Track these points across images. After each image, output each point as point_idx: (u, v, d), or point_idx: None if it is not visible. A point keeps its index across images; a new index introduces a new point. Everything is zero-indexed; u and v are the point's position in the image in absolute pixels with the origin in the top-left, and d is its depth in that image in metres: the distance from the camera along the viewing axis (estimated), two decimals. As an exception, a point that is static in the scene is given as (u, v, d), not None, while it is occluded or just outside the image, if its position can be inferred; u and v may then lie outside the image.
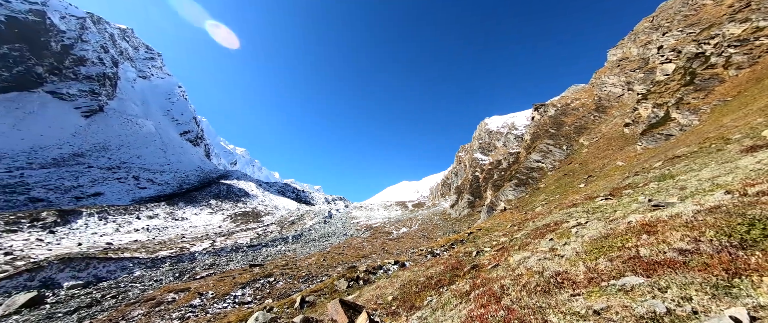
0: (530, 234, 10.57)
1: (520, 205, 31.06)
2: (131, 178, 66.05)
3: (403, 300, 8.72)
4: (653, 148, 22.99)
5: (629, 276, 3.08)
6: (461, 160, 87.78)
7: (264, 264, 26.04)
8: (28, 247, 28.88)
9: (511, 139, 69.53)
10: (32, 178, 52.91)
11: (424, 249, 18.99)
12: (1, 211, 38.17)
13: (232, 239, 40.11)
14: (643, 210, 6.67)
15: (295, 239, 42.39)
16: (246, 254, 32.77)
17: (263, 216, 59.98)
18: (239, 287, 18.11)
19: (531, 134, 55.99)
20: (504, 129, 76.51)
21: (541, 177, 39.29)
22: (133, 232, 40.70)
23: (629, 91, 43.64)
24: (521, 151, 56.59)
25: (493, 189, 49.16)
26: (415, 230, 48.47)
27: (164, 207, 54.25)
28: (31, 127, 68.59)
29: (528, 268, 5.27)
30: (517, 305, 3.28)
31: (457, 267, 10.96)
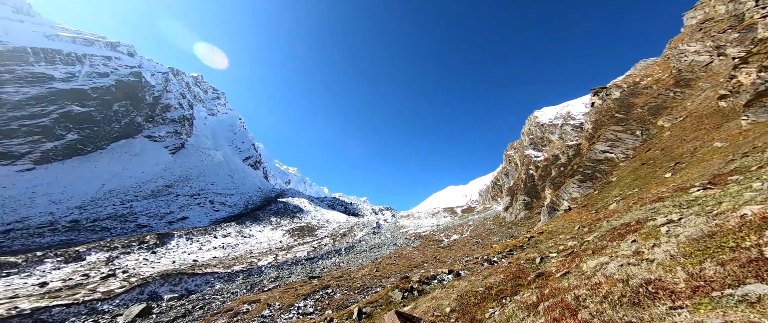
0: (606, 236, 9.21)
1: (589, 203, 27.40)
2: (208, 203, 76.44)
3: (463, 312, 8.25)
4: (765, 121, 18.42)
5: (752, 283, 2.46)
6: (511, 158, 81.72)
7: (321, 276, 27.34)
8: (138, 266, 35.12)
9: (568, 130, 62.57)
10: (138, 208, 64.85)
11: (480, 257, 17.88)
12: (119, 237, 47.40)
13: (291, 253, 43.18)
14: (761, 200, 5.32)
15: (347, 251, 43.78)
16: (304, 267, 34.86)
17: (317, 230, 63.50)
18: (302, 298, 19.24)
19: (592, 122, 49.66)
20: (558, 120, 69.39)
21: (611, 170, 34.30)
22: (212, 250, 46.62)
23: (720, 56, 36.10)
24: (582, 142, 50.43)
25: (553, 188, 44.41)
26: (467, 236, 46.08)
27: (234, 226, 61.26)
28: (136, 167, 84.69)
29: (608, 276, 4.57)
30: (598, 319, 2.85)
31: (519, 275, 10.04)
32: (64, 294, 24.21)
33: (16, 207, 54.32)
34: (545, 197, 46.68)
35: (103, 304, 22.80)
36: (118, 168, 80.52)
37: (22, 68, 75.05)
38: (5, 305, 21.45)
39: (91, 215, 57.66)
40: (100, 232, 50.88)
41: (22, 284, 27.37)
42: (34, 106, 73.27)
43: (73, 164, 74.36)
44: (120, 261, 35.97)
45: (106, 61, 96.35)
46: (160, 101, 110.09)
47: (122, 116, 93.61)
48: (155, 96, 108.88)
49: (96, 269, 32.77)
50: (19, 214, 52.49)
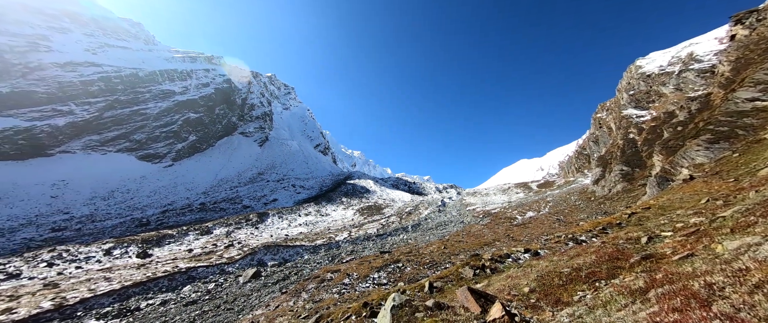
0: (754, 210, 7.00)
1: (723, 170, 21.15)
2: (291, 186, 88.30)
3: (544, 293, 7.60)
4: None
5: None
6: (603, 122, 68.33)
7: (391, 251, 28.99)
8: (247, 238, 43.63)
9: (690, 77, 48.25)
10: (242, 192, 79.49)
11: (563, 236, 15.96)
12: (232, 215, 59.37)
13: (362, 230, 46.83)
14: None
15: (414, 228, 44.99)
16: (375, 242, 37.48)
17: (383, 209, 66.83)
18: (375, 270, 20.89)
19: (732, 62, 37.03)
20: (674, 66, 54.03)
21: (762, 125, 25.41)
22: (298, 226, 54.25)
23: None
24: (714, 91, 38.39)
25: (666, 153, 35.67)
26: (546, 213, 41.54)
27: (313, 206, 69.54)
28: (236, 159, 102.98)
29: (759, 261, 3.45)
30: (748, 313, 2.19)
31: (616, 256, 8.61)
32: (204, 258, 32.09)
33: (166, 194, 73.37)
34: (653, 165, 37.91)
35: (228, 267, 29.38)
36: (225, 161, 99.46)
37: (156, 87, 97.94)
38: (170, 264, 29.75)
39: (212, 199, 73.64)
40: (220, 212, 64.74)
41: (178, 250, 37.34)
42: (167, 116, 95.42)
43: (195, 160, 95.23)
44: (235, 235, 45.35)
45: (206, 72, 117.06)
46: (247, 102, 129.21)
47: (222, 117, 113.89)
48: (243, 98, 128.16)
49: (220, 240, 42.20)
50: (169, 199, 70.82)
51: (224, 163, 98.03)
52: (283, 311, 15.75)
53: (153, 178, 78.21)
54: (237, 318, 17.18)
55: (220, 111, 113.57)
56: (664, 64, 56.17)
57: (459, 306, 6.56)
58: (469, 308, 5.83)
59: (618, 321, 3.36)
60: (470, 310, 5.86)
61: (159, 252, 36.18)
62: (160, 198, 70.46)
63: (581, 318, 4.31)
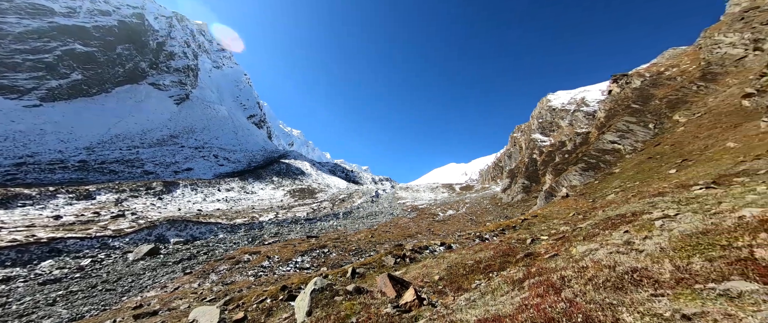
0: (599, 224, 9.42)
1: (587, 192, 27.63)
2: (212, 157, 77.74)
3: (450, 281, 8.76)
4: (788, 126, 17.75)
5: (736, 280, 2.55)
6: (517, 141, 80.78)
7: (319, 236, 28.69)
8: (145, 210, 36.82)
9: (580, 116, 60.97)
10: (144, 155, 66.19)
11: (472, 233, 18.53)
12: (127, 181, 49.04)
13: (291, 212, 44.88)
14: (762, 204, 5.33)
15: (345, 215, 45.40)
16: (303, 226, 36.45)
17: (317, 193, 65.25)
18: (299, 254, 20.41)
19: (606, 111, 48.15)
20: (570, 106, 67.27)
21: (616, 161, 34.01)
22: (216, 202, 48.45)
23: (756, 51, 33.70)
24: (592, 131, 49.38)
25: (554, 174, 44.48)
26: (463, 213, 47.34)
27: (238, 182, 62.95)
28: (141, 113, 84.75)
29: (595, 261, 4.75)
30: (581, 298, 3.01)
31: (508, 253, 10.48)
32: (77, 228, 25.76)
33: (26, 142, 55.55)
34: (545, 182, 46.97)
35: (114, 241, 24.35)
36: (124, 114, 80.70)
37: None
38: (23, 232, 22.97)
39: (99, 157, 59.12)
40: (108, 174, 52.57)
41: (37, 215, 29.00)
42: (37, 40, 71.28)
43: (79, 104, 74.39)
44: (129, 204, 37.66)
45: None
46: (164, 48, 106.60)
47: (126, 60, 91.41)
48: (159, 42, 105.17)
49: (106, 208, 34.45)
50: (30, 149, 53.86)
51: (123, 117, 79.55)
52: (183, 293, 14.03)
53: (4, 118, 58.17)
54: (119, 301, 14.51)
55: (125, 51, 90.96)
56: (565, 102, 69.57)
57: (377, 291, 7.02)
58: (386, 292, 6.31)
59: (500, 304, 4.16)
60: (387, 295, 6.35)
61: (4, 215, 27.46)
62: (13, 146, 53.05)
63: (474, 302, 5.16)
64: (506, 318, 2.98)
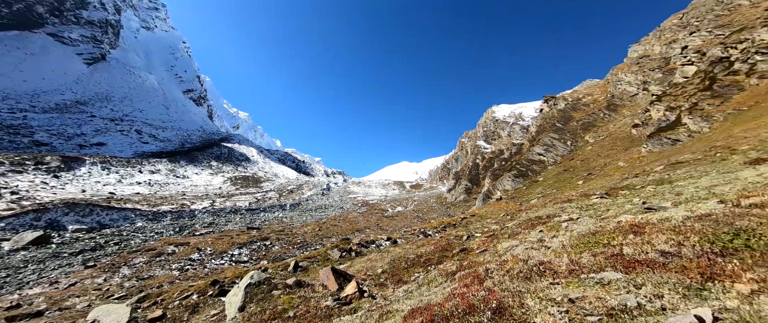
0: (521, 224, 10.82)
1: (516, 196, 31.45)
2: (133, 132, 66.31)
3: (392, 274, 9.14)
4: (658, 152, 22.81)
5: (609, 271, 3.22)
6: (464, 145, 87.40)
7: (261, 227, 26.94)
8: (33, 189, 29.70)
9: (517, 129, 68.71)
10: (35, 121, 53.10)
11: (417, 230, 19.55)
12: (6, 152, 38.77)
13: (231, 201, 41.13)
14: (635, 212, 6.78)
15: (292, 207, 43.47)
16: (244, 217, 33.78)
17: (263, 183, 60.99)
18: (237, 247, 18.90)
19: (537, 126, 55.27)
20: (510, 118, 75.36)
21: (540, 171, 39.37)
22: (136, 185, 41.63)
23: (644, 91, 42.35)
24: (525, 143, 56.20)
25: (492, 178, 49.46)
26: (411, 210, 49.50)
27: (166, 163, 55.00)
28: (34, 69, 67.56)
29: (514, 256, 5.48)
30: (498, 287, 3.46)
31: (446, 248, 11.35)
32: None
33: None
34: (484, 185, 51.96)
35: (-19, 228, 19.17)
36: (8, 67, 63.31)
37: None
38: None
39: (-38, 120, 45.47)
40: (-24, 143, 40.87)
41: None
42: None
43: (-71, 47, 55.83)
44: (7, 180, 29.87)
45: None
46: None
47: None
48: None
49: (-30, 187, 26.79)
50: None
51: (6, 70, 62.38)
52: (83, 289, 11.81)
53: None
54: (-15, 303, 11.52)
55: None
56: (506, 115, 77.74)
57: (319, 285, 6.95)
58: (328, 286, 6.29)
59: (433, 294, 4.53)
60: (328, 288, 6.33)
61: None
62: None
63: (411, 293, 5.49)
64: (435, 306, 3.27)
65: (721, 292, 2.35)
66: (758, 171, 8.02)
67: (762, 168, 8.35)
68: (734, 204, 4.84)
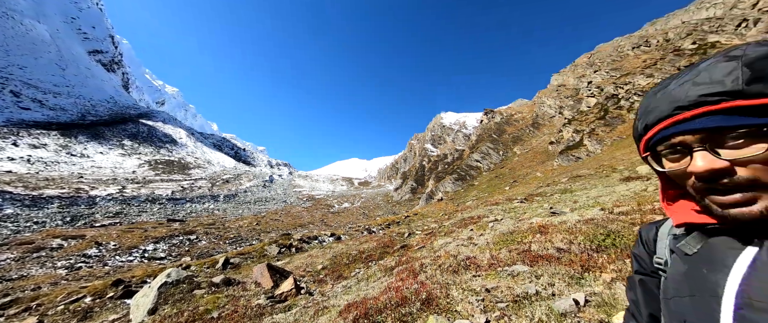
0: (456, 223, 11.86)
1: (455, 198, 34.30)
2: (8, 93, 51.38)
3: (332, 270, 9.06)
4: (565, 166, 27.48)
5: (518, 265, 3.78)
6: (413, 147, 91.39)
7: (186, 220, 23.77)
8: None
9: (460, 136, 74.83)
10: None
11: (362, 226, 19.75)
12: None
13: (148, 188, 35.24)
14: (543, 215, 8.07)
15: (227, 199, 39.41)
16: (164, 207, 29.33)
17: (192, 169, 53.76)
18: (152, 241, 16.31)
19: (477, 136, 61.14)
20: (456, 126, 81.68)
21: (477, 176, 43.71)
22: (7, 161, 32.44)
23: (560, 114, 50.49)
24: (466, 150, 61.59)
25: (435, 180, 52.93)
26: (357, 207, 49.68)
27: (57, 137, 44.14)
28: None
29: (447, 252, 6.00)
30: (429, 280, 3.75)
31: (388, 245, 11.74)
32: None
33: None
34: (428, 186, 55.24)
35: None
36: None
37: None
38: None
39: None
40: None
41: None
42: None
43: None
44: None
45: None
46: None
47: None
48: None
49: None
50: None
51: None
52: None
53: None
54: None
55: None
56: (452, 122, 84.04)
57: (251, 282, 6.48)
58: (262, 283, 5.92)
59: (370, 289, 4.66)
60: (262, 285, 5.96)
61: None
62: None
63: (350, 288, 5.55)
64: (371, 300, 3.38)
65: (592, 280, 2.99)
66: (628, 186, 10.34)
67: (631, 184, 10.79)
68: (609, 211, 6.17)
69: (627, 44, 45.32)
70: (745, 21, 31.44)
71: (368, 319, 2.88)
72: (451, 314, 2.70)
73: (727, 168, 0.44)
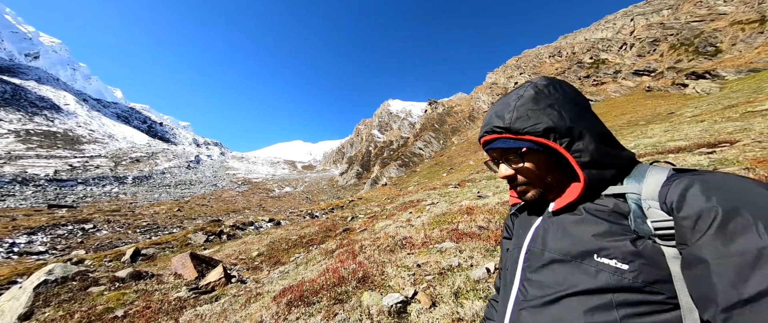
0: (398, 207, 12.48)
1: (398, 183, 35.89)
2: None
3: (269, 256, 8.64)
4: (492, 157, 31.22)
5: (447, 242, 4.22)
6: (359, 132, 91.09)
7: (78, 206, 19.31)
8: None
9: (406, 124, 77.55)
10: None
11: (304, 211, 19.15)
12: None
13: (15, 166, 27.27)
14: (471, 198, 9.10)
15: (137, 181, 33.28)
16: (44, 190, 23.26)
17: (84, 144, 43.41)
18: (24, 232, 12.86)
19: (421, 124, 64.30)
20: (402, 114, 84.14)
21: (419, 163, 46.36)
22: None
23: (492, 110, 56.57)
24: (410, 137, 64.32)
25: (381, 166, 54.23)
26: (300, 191, 47.77)
27: None
28: None
29: (386, 233, 6.30)
30: (367, 260, 3.90)
31: (331, 229, 11.70)
32: None
33: None
34: (373, 171, 56.30)
35: None
36: None
37: None
38: None
39: None
40: None
41: None
42: None
43: None
44: None
45: None
46: None
47: None
48: None
49: None
50: None
51: None
52: None
53: None
54: None
55: None
56: (399, 110, 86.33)
57: (170, 274, 5.74)
58: (183, 274, 5.30)
59: (310, 271, 4.62)
60: (183, 276, 5.34)
61: None
62: None
63: (288, 273, 5.40)
64: (307, 282, 3.36)
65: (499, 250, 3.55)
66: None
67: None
68: (521, 195, 7.30)
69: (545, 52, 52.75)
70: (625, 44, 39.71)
71: (303, 301, 2.86)
72: (384, 289, 2.88)
73: (512, 175, 0.72)
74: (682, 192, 0.51)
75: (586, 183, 0.62)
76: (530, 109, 0.66)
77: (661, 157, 8.09)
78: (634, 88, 36.92)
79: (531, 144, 0.66)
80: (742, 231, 0.43)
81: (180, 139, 77.79)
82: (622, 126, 19.49)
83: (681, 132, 12.28)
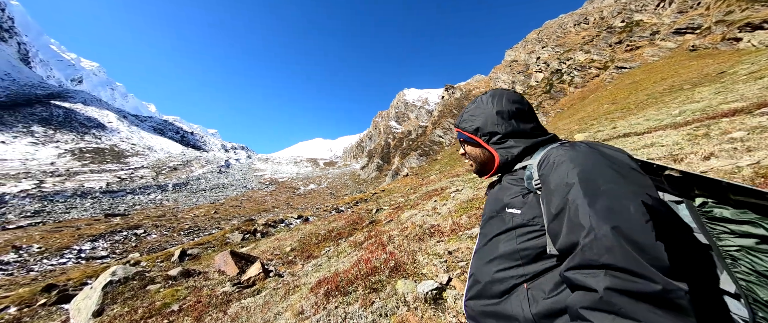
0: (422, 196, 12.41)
1: (420, 172, 35.63)
2: None
3: (302, 251, 9.01)
4: (517, 138, 29.92)
5: (476, 228, 4.13)
6: (377, 125, 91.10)
7: (129, 214, 21.29)
8: None
9: (423, 112, 76.30)
10: None
11: (330, 206, 19.68)
12: None
13: (74, 181, 30.49)
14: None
15: (177, 188, 35.95)
16: (99, 201, 25.86)
17: (129, 157, 47.45)
18: (88, 240, 14.44)
19: (439, 111, 62.89)
20: (418, 102, 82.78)
21: (439, 151, 45.61)
22: None
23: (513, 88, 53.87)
24: (429, 125, 63.27)
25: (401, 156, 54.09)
26: (324, 187, 49.08)
27: (-68, 126, 35.22)
28: None
29: (413, 223, 6.30)
30: (397, 250, 3.93)
31: (357, 222, 11.93)
32: None
33: None
34: (394, 163, 56.32)
35: None
36: None
37: None
38: None
39: None
40: None
41: None
42: None
43: None
44: None
45: None
46: None
47: None
48: None
49: None
50: None
51: None
52: None
53: None
54: None
55: None
56: (415, 99, 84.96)
57: (214, 271, 6.18)
58: (226, 271, 5.68)
59: (341, 263, 4.75)
60: (226, 273, 5.72)
61: None
62: None
63: (321, 265, 5.60)
64: (342, 273, 3.46)
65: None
66: (567, 153, 11.66)
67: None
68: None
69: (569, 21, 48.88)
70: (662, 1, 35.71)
71: (340, 291, 2.95)
72: (418, 276, 2.89)
73: (465, 155, 1.06)
74: (544, 157, 0.78)
75: (499, 161, 0.93)
76: (471, 114, 0.99)
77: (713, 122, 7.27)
78: (676, 50, 33.30)
79: (467, 137, 1.00)
80: (556, 170, 0.70)
81: (210, 146, 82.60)
82: (662, 93, 17.73)
83: (736, 92, 10.95)
